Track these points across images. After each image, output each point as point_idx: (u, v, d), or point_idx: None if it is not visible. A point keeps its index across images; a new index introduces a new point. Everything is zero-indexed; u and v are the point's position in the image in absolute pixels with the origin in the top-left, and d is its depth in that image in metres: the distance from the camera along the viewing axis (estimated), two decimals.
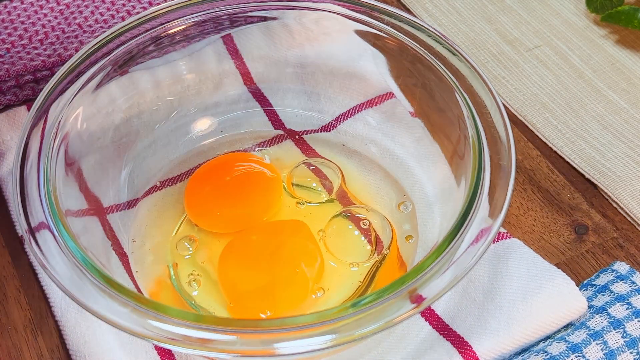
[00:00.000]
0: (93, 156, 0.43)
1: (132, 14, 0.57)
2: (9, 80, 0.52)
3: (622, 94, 0.53)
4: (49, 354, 0.42)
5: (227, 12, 0.45)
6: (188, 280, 0.42)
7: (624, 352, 0.39)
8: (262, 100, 0.50)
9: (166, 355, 0.40)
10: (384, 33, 0.44)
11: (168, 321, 0.33)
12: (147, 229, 0.44)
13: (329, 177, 0.47)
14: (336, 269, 0.42)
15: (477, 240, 0.35)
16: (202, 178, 0.46)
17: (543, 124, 0.52)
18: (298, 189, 0.46)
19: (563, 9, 0.59)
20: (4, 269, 0.45)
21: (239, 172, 0.46)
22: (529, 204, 0.48)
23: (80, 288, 0.34)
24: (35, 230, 0.36)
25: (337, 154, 0.48)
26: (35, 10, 0.58)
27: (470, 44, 0.57)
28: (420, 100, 0.46)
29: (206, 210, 0.45)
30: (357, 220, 0.44)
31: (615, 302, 0.41)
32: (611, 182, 0.48)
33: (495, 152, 0.38)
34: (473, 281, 0.42)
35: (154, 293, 0.42)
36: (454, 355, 0.39)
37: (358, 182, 0.47)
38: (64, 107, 0.41)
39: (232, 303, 0.40)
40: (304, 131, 0.49)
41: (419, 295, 0.33)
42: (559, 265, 0.44)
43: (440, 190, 0.44)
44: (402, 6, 0.60)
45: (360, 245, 0.43)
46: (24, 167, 0.38)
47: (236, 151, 0.48)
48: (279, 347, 0.32)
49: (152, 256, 0.43)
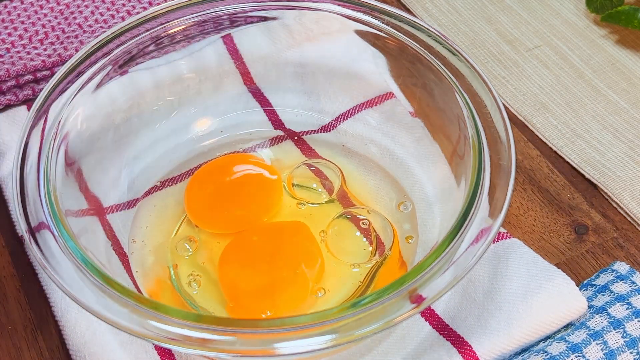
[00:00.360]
0: (93, 156, 0.43)
1: (132, 14, 0.57)
2: (9, 80, 0.52)
3: (622, 94, 0.53)
4: (49, 354, 0.42)
5: (227, 12, 0.45)
6: (188, 280, 0.42)
7: (624, 352, 0.39)
8: (262, 100, 0.50)
9: (166, 355, 0.40)
10: (384, 33, 0.44)
11: (168, 321, 0.33)
12: (147, 229, 0.44)
13: (330, 178, 0.47)
14: (337, 270, 0.42)
15: (477, 240, 0.35)
16: (203, 179, 0.46)
17: (543, 124, 0.52)
18: (299, 189, 0.46)
19: (563, 9, 0.59)
20: (4, 269, 0.45)
21: (239, 173, 0.46)
22: (529, 204, 0.48)
23: (80, 288, 0.34)
24: (35, 230, 0.36)
25: (337, 154, 0.48)
26: (35, 10, 0.58)
27: (470, 44, 0.57)
28: (420, 100, 0.46)
29: (207, 211, 0.45)
30: (358, 221, 0.44)
31: (615, 302, 0.41)
32: (611, 182, 0.48)
33: (495, 152, 0.38)
34: (473, 281, 0.42)
35: (154, 293, 0.42)
36: (454, 355, 0.39)
37: (358, 182, 0.47)
38: (64, 107, 0.41)
39: (232, 303, 0.40)
40: (304, 131, 0.49)
41: (419, 295, 0.33)
42: (559, 265, 0.44)
43: (440, 190, 0.44)
44: (402, 6, 0.60)
45: (362, 247, 0.43)
46: (24, 167, 0.38)
47: (236, 151, 0.48)
48: (279, 347, 0.32)
49: (152, 256, 0.43)
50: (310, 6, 0.45)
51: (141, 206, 0.45)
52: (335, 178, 0.46)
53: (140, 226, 0.45)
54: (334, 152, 0.48)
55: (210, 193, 0.45)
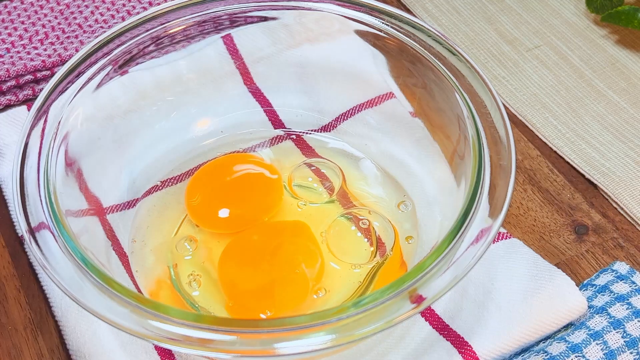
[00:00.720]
0: (93, 156, 0.43)
1: (132, 14, 0.57)
2: (9, 80, 0.52)
3: (622, 94, 0.53)
4: (49, 354, 0.42)
5: (227, 12, 0.45)
6: (188, 280, 0.42)
7: (624, 352, 0.39)
8: (262, 101, 0.50)
9: (166, 355, 0.40)
10: (384, 33, 0.44)
11: (168, 321, 0.33)
12: (147, 229, 0.44)
13: (330, 178, 0.47)
14: (338, 271, 0.42)
15: (477, 240, 0.35)
16: (203, 178, 0.46)
17: (543, 124, 0.52)
18: (299, 189, 0.46)
19: (563, 9, 0.59)
20: (4, 269, 0.45)
21: (240, 172, 0.46)
22: (529, 204, 0.48)
23: (80, 288, 0.34)
24: (35, 230, 0.36)
25: (337, 154, 0.48)
26: (35, 10, 0.58)
27: (470, 44, 0.57)
28: (420, 100, 0.46)
29: (207, 211, 0.45)
30: (358, 221, 0.44)
31: (615, 302, 0.41)
32: (611, 182, 0.48)
33: (495, 152, 0.38)
34: (473, 281, 0.42)
35: (154, 293, 0.42)
36: (454, 355, 0.39)
37: (358, 182, 0.47)
38: (64, 107, 0.41)
39: (232, 302, 0.40)
40: (303, 131, 0.49)
41: (419, 295, 0.33)
42: (559, 265, 0.44)
43: (440, 190, 0.44)
44: (402, 6, 0.60)
45: (362, 247, 0.43)
46: (24, 167, 0.38)
47: (236, 151, 0.48)
48: (279, 347, 0.32)
49: (152, 256, 0.43)
50: (310, 6, 0.45)
51: (141, 206, 0.45)
52: (335, 178, 0.46)
53: (140, 226, 0.45)
54: (333, 151, 0.48)
55: (211, 192, 0.45)
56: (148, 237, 0.44)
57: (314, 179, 0.47)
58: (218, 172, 0.46)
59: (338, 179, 0.46)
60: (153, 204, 0.46)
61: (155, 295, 0.42)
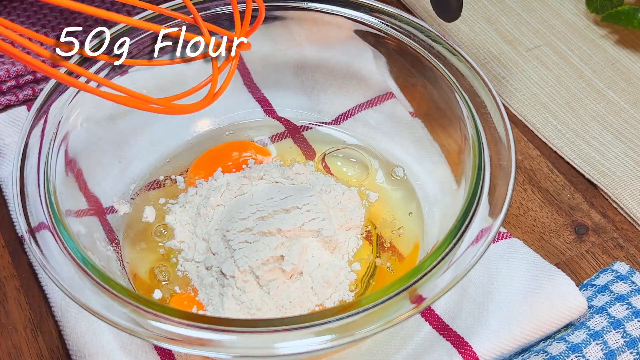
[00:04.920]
0: (93, 156, 0.43)
1: (132, 14, 0.57)
2: (9, 80, 0.52)
3: (622, 94, 0.53)
4: (49, 354, 0.42)
5: (227, 12, 0.45)
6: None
7: (624, 352, 0.39)
8: (262, 100, 0.50)
9: (166, 355, 0.40)
10: (383, 33, 0.44)
11: (168, 321, 0.33)
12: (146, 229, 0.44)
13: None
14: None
15: (477, 240, 0.35)
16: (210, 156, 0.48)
17: (543, 124, 0.52)
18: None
19: (563, 9, 0.59)
20: (4, 269, 0.45)
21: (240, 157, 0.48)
22: (529, 204, 0.48)
23: (80, 288, 0.34)
24: (35, 230, 0.36)
25: (338, 154, 0.48)
26: (35, 10, 0.58)
27: (470, 44, 0.57)
28: (420, 100, 0.46)
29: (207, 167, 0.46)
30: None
31: (615, 302, 0.41)
32: (611, 182, 0.48)
33: (495, 152, 0.38)
34: (473, 281, 0.42)
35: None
36: (454, 355, 0.39)
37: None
38: (63, 107, 0.41)
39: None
40: (302, 126, 0.49)
41: (419, 295, 0.33)
42: (559, 265, 0.44)
43: (440, 190, 0.44)
44: (402, 6, 0.60)
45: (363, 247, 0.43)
46: (24, 167, 0.38)
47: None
48: (279, 347, 0.32)
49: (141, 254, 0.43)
50: (310, 6, 0.45)
51: (141, 206, 0.45)
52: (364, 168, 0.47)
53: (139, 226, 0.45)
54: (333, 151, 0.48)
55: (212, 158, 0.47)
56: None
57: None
58: (223, 154, 0.48)
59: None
60: (153, 203, 0.46)
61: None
